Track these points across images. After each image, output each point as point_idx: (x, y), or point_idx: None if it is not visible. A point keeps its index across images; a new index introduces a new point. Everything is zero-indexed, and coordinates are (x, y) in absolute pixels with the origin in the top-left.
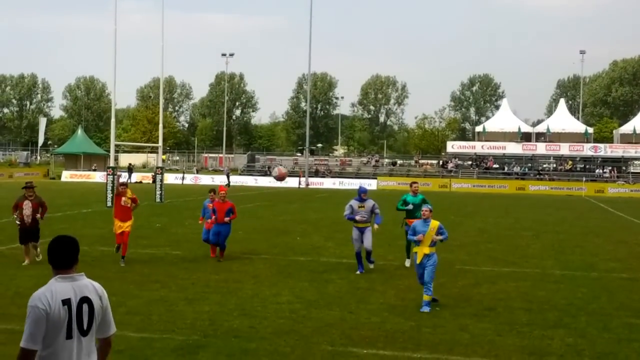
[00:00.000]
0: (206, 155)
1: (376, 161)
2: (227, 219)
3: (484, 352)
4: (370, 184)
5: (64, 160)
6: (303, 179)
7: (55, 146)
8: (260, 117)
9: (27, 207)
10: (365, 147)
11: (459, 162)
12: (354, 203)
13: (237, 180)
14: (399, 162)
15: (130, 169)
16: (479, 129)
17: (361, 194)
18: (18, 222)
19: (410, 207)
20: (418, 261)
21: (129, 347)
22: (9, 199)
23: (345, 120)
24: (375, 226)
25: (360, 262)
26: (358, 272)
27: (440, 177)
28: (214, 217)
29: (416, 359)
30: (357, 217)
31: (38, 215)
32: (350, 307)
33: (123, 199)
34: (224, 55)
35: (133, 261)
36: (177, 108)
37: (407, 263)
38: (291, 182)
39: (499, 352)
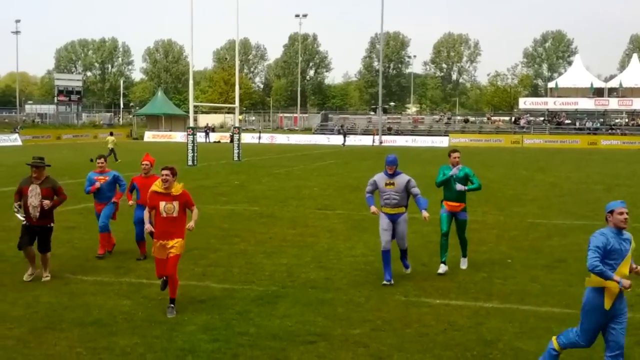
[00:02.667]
0: (281, 115)
1: (448, 119)
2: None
3: (554, 301)
4: (442, 142)
5: (146, 121)
6: (376, 137)
7: (137, 108)
8: (334, 77)
9: (33, 195)
10: (437, 105)
11: (531, 118)
12: (379, 178)
13: (310, 139)
14: (471, 119)
15: (208, 130)
16: (551, 85)
17: (387, 167)
18: (22, 218)
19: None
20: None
21: (211, 297)
22: (77, 162)
23: (418, 78)
24: (425, 213)
25: (387, 265)
26: (385, 282)
27: (512, 133)
28: (130, 198)
29: (488, 308)
30: (372, 210)
31: (47, 202)
32: (423, 260)
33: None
34: (297, 16)
35: (213, 217)
36: (252, 69)
37: (442, 269)
38: (365, 140)
39: (570, 301)
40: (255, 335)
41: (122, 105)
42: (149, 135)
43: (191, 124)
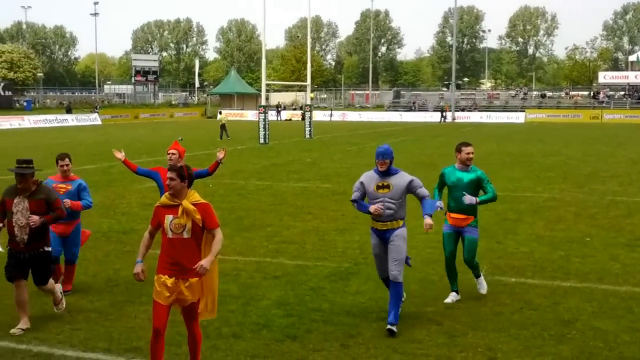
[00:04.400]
0: (353, 92)
1: (524, 94)
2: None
3: (635, 281)
4: (519, 117)
5: (219, 100)
6: (448, 114)
7: (211, 87)
8: (406, 54)
9: (19, 210)
10: (513, 80)
11: (611, 93)
12: (367, 179)
13: (381, 116)
14: (548, 94)
15: (279, 108)
16: (632, 58)
17: (378, 161)
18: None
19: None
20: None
21: (285, 273)
22: (154, 141)
23: (492, 53)
24: (428, 220)
25: (392, 304)
26: (389, 327)
27: (591, 108)
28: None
29: (565, 287)
30: (373, 209)
31: (35, 218)
32: (497, 238)
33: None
34: None
35: (286, 194)
36: (323, 47)
37: (451, 298)
38: (437, 117)
39: None
40: (328, 311)
41: (196, 85)
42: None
43: (263, 102)
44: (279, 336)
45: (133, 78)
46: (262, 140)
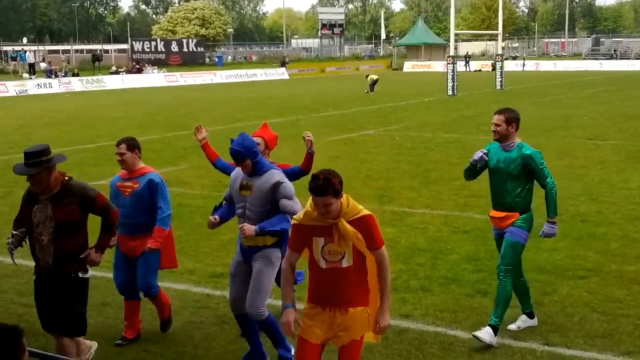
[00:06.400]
0: (547, 40)
1: None
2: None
3: None
4: None
5: (406, 52)
6: None
7: (397, 38)
8: None
9: (40, 220)
10: None
11: None
12: (235, 174)
13: (579, 65)
14: None
15: (468, 58)
16: None
17: (235, 159)
18: (14, 261)
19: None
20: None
21: (475, 227)
22: (340, 95)
23: None
24: (247, 229)
25: (249, 339)
26: None
27: None
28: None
29: None
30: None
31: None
32: None
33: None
34: None
35: (477, 147)
36: None
37: (519, 324)
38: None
39: None
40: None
41: (382, 37)
42: (408, 66)
43: (451, 53)
44: (469, 291)
45: (319, 32)
46: (450, 92)
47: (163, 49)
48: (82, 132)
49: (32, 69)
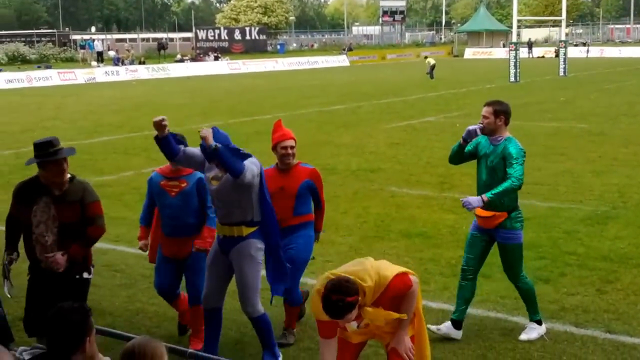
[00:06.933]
0: (612, 26)
1: None
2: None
3: None
4: None
5: (467, 38)
6: None
7: (458, 25)
8: None
9: (42, 222)
10: None
11: None
12: (208, 169)
13: None
14: None
15: (530, 44)
16: None
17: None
18: (6, 289)
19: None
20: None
21: (536, 215)
22: (400, 81)
23: None
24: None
25: (208, 336)
26: None
27: None
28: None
29: None
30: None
31: (57, 261)
32: None
33: None
34: None
35: (537, 134)
36: None
37: (445, 329)
38: None
39: None
40: (583, 255)
41: (443, 23)
42: (469, 53)
43: (514, 39)
44: (530, 278)
45: (380, 19)
46: (512, 79)
47: (226, 37)
48: (149, 119)
49: (100, 57)
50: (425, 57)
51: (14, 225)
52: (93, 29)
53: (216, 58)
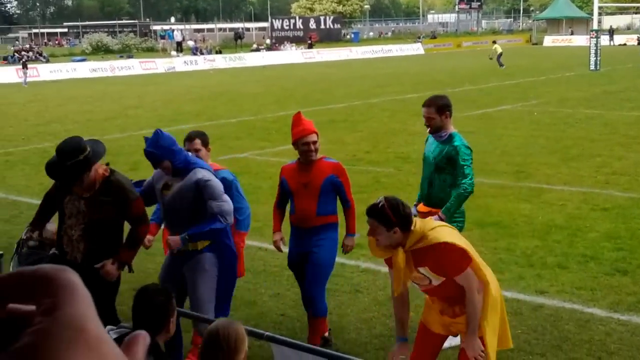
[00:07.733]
0: None
1: None
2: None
3: None
4: None
5: (546, 25)
6: None
7: (537, 12)
8: None
9: (73, 214)
10: None
11: None
12: (158, 174)
13: None
14: None
15: (612, 32)
16: None
17: (151, 161)
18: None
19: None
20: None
21: (615, 205)
22: (476, 69)
23: None
24: (175, 240)
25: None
26: None
27: None
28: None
29: None
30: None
31: (108, 270)
32: None
33: None
34: None
35: (618, 123)
36: None
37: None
38: None
39: None
40: None
41: (521, 10)
42: (549, 40)
43: (595, 27)
44: (608, 269)
45: (456, 6)
46: (592, 67)
47: (301, 27)
48: (225, 107)
49: (179, 47)
50: (494, 42)
51: (49, 204)
52: (172, 19)
53: (310, 46)
